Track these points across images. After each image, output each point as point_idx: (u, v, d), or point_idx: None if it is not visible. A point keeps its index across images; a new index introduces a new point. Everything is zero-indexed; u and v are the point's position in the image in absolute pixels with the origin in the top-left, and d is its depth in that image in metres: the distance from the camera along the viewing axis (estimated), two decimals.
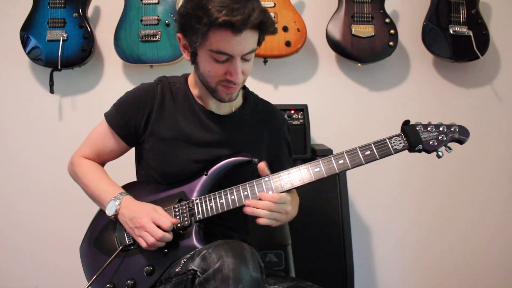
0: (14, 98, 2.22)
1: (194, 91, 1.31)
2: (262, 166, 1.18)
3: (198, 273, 1.00)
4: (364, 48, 2.14)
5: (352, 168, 1.16)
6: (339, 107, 2.30)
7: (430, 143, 1.18)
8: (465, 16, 2.17)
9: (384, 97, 2.32)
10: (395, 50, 2.16)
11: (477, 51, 2.14)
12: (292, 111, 2.01)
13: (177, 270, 1.08)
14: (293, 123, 1.98)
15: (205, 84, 1.23)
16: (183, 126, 1.27)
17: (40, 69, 2.16)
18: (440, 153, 1.19)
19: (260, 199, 1.14)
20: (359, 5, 2.15)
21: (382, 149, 1.16)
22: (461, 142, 1.21)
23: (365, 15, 2.15)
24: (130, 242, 1.22)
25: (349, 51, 2.15)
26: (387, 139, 1.17)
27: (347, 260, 1.85)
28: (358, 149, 1.17)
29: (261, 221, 1.12)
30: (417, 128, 1.18)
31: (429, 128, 1.19)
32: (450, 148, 1.20)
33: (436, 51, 2.20)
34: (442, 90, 2.33)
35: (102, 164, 1.38)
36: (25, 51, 2.06)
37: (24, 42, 2.06)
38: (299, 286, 1.21)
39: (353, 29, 2.13)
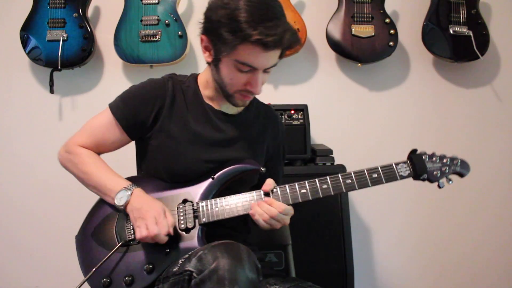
0: (14, 98, 2.22)
1: (205, 91, 1.32)
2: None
3: (194, 274, 1.00)
4: (364, 48, 2.14)
5: (359, 189, 1.20)
6: (339, 107, 2.30)
7: (434, 173, 1.23)
8: (465, 16, 2.17)
9: (384, 97, 2.32)
10: (395, 50, 2.16)
11: (477, 51, 2.14)
12: (292, 111, 2.00)
13: (174, 270, 1.08)
14: (293, 123, 1.98)
15: (222, 88, 1.24)
16: (193, 125, 1.28)
17: (40, 69, 2.16)
18: (441, 185, 1.24)
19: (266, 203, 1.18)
20: (359, 5, 2.15)
21: (388, 174, 1.22)
22: (461, 175, 1.28)
23: (365, 15, 2.15)
24: (130, 238, 1.21)
25: (349, 51, 2.15)
26: (394, 165, 1.22)
27: (347, 260, 1.85)
28: (365, 171, 1.21)
29: (260, 223, 1.17)
30: (423, 158, 1.23)
31: (433, 159, 1.25)
32: (450, 180, 1.26)
33: (436, 51, 2.19)
34: (442, 90, 2.33)
35: (99, 154, 1.36)
36: (25, 51, 2.07)
37: (24, 42, 2.06)
38: (299, 286, 1.21)
39: (353, 29, 2.13)
